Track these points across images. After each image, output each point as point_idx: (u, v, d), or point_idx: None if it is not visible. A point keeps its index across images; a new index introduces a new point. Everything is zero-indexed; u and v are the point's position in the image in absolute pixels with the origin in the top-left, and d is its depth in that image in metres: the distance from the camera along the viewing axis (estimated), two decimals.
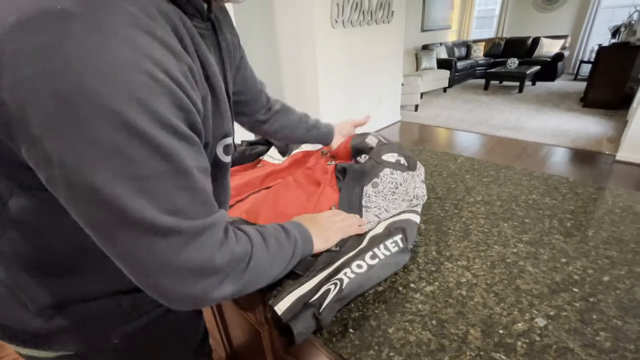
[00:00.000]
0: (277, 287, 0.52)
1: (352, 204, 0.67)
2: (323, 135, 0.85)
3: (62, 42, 0.24)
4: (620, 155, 2.84)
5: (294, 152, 0.86)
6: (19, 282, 0.39)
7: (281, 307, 0.46)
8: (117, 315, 0.44)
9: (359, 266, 0.51)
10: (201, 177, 0.33)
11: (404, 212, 0.63)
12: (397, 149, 0.78)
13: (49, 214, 0.35)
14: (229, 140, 0.45)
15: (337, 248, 0.58)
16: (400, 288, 0.53)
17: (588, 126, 3.68)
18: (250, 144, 0.95)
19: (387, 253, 0.54)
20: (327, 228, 0.58)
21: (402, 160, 0.75)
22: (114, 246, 0.30)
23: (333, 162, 0.79)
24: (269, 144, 0.92)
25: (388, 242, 0.55)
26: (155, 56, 0.28)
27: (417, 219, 0.62)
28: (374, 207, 0.67)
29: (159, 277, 0.32)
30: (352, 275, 0.49)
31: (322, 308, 0.45)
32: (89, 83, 0.25)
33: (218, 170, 0.44)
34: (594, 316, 0.46)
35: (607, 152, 3.01)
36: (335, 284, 0.48)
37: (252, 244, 0.41)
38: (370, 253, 0.53)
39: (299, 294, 0.47)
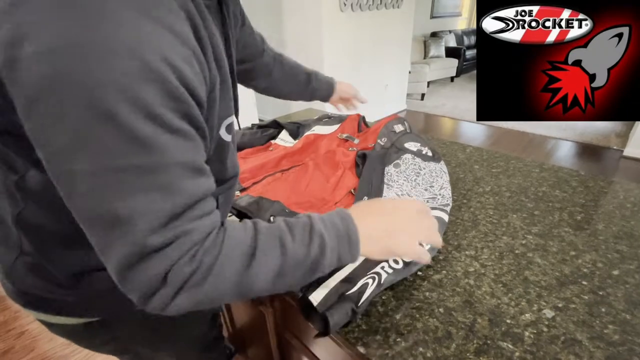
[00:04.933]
0: None
1: (373, 183, 0.66)
2: (321, 96, 0.88)
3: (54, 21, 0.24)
4: (628, 151, 2.81)
5: (306, 134, 0.85)
6: (43, 252, 0.40)
7: (316, 298, 0.44)
8: None
9: (396, 261, 0.50)
10: (186, 175, 0.30)
11: (434, 208, 0.61)
12: (420, 139, 0.77)
13: None
14: (231, 119, 0.44)
15: None
16: (408, 276, 0.53)
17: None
18: (260, 126, 0.94)
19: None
20: (395, 228, 0.40)
21: (425, 150, 0.74)
22: (89, 234, 0.30)
23: (355, 149, 0.78)
24: (279, 127, 0.90)
25: None
26: (155, 41, 0.26)
27: (447, 218, 0.61)
28: (396, 186, 0.66)
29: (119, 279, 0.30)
30: (390, 271, 0.49)
31: (360, 303, 0.44)
32: (71, 65, 0.24)
33: (221, 150, 0.44)
34: (603, 309, 0.46)
35: (614, 148, 2.97)
36: (374, 278, 0.47)
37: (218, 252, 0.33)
38: None
39: (334, 283, 0.46)
